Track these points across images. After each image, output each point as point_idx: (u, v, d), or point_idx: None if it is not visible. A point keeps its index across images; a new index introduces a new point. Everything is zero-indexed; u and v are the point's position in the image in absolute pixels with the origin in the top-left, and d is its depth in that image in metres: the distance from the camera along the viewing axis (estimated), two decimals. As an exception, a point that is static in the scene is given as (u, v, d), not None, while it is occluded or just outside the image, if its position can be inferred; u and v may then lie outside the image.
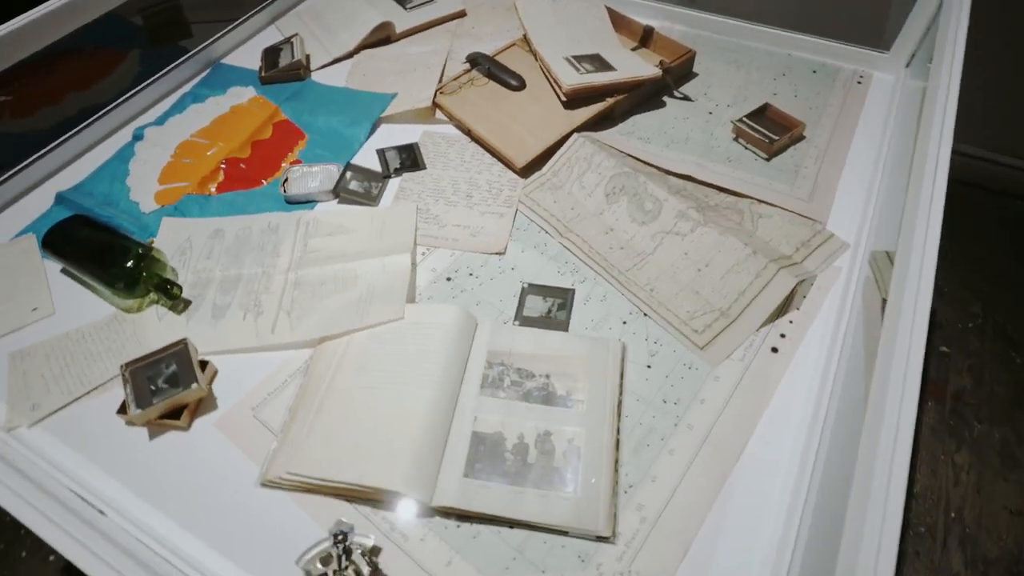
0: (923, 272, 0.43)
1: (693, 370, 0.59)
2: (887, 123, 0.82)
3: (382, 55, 0.99)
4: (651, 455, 0.54)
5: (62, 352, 0.63)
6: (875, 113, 0.83)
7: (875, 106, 0.84)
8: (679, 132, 0.83)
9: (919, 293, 0.41)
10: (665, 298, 0.64)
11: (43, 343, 0.64)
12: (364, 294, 0.65)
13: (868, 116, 0.83)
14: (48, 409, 0.59)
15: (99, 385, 0.60)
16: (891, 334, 0.41)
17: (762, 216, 0.72)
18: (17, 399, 0.60)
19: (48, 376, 0.61)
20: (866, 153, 0.78)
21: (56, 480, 0.51)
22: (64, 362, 0.62)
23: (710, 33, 0.98)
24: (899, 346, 0.39)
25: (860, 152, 0.78)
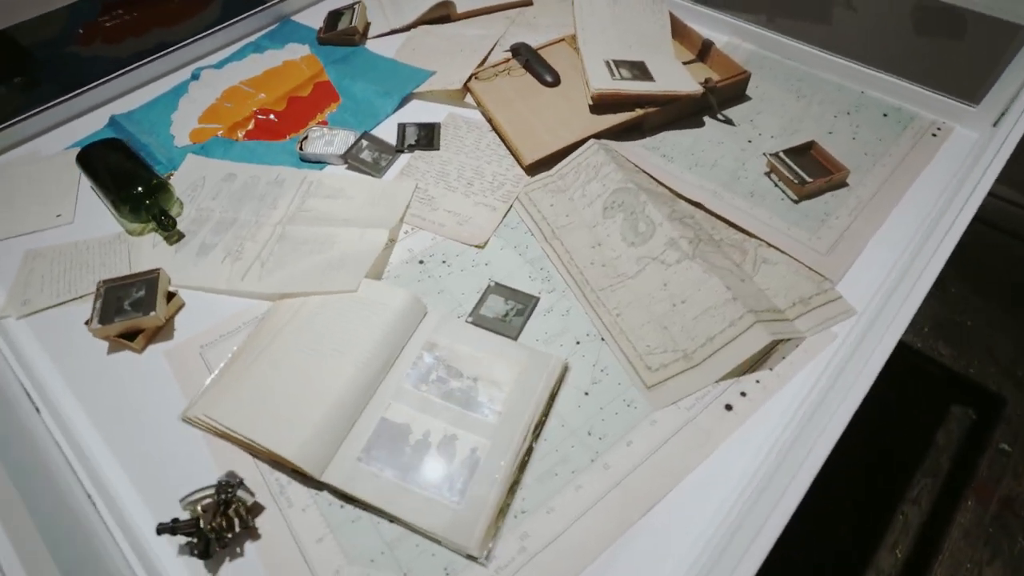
0: (869, 363, 0.36)
1: (632, 408, 0.55)
2: (953, 184, 0.71)
3: (437, 32, 0.99)
4: (555, 486, 0.50)
5: (65, 259, 0.69)
6: (942, 170, 0.72)
7: (945, 162, 0.73)
8: (708, 156, 0.76)
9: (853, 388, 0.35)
10: (629, 326, 0.60)
11: (53, 247, 0.70)
12: (333, 261, 0.66)
13: (932, 173, 0.72)
14: (36, 307, 0.65)
15: (83, 295, 0.65)
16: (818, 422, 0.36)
17: (766, 261, 0.65)
18: (16, 292, 0.66)
19: (47, 277, 0.67)
20: (914, 213, 0.68)
21: (12, 371, 0.57)
22: (63, 268, 0.68)
23: (780, 57, 0.90)
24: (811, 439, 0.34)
25: (908, 211, 0.68)
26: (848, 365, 0.51)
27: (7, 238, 0.72)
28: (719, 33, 0.95)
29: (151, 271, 0.64)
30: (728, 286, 0.59)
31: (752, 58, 0.90)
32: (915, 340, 1.30)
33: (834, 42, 0.89)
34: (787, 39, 0.89)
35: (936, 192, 0.70)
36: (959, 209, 0.58)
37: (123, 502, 0.51)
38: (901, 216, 0.68)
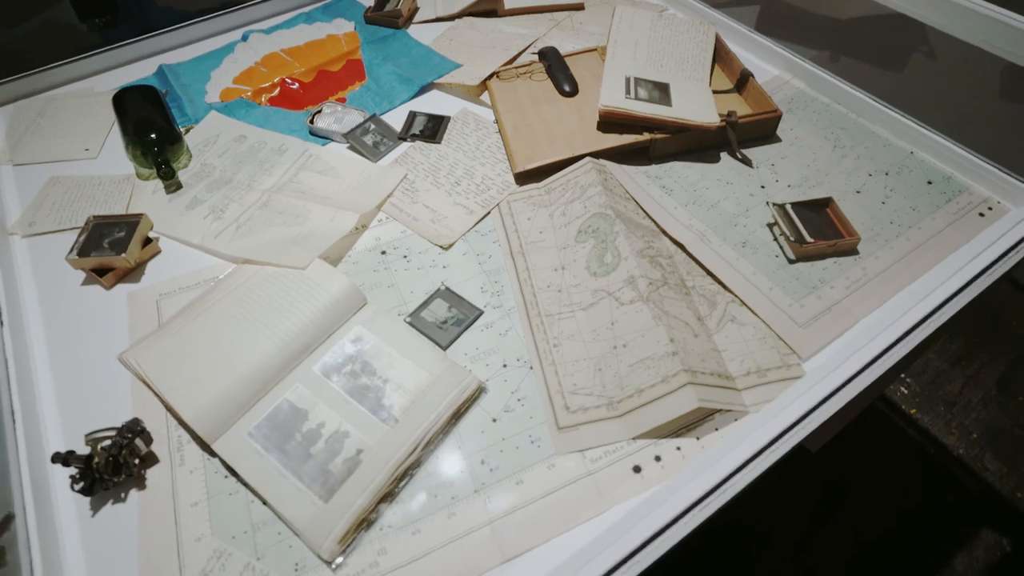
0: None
1: (535, 446, 0.52)
2: (989, 272, 0.61)
3: (479, 26, 0.98)
4: (430, 508, 0.49)
5: (78, 190, 0.75)
6: (978, 253, 0.62)
7: (984, 244, 0.63)
8: (711, 195, 0.71)
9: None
10: (563, 360, 0.57)
11: (73, 177, 0.77)
12: (297, 236, 0.67)
13: (965, 255, 0.62)
14: (38, 230, 0.71)
15: (80, 227, 0.71)
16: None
17: (734, 320, 0.59)
18: (28, 213, 0.72)
19: (57, 204, 0.73)
20: (925, 303, 0.60)
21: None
22: (73, 198, 0.74)
23: (829, 100, 0.81)
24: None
25: (918, 297, 0.60)
26: (769, 453, 0.46)
27: (42, 162, 0.80)
28: (770, 65, 0.87)
29: (136, 215, 0.68)
30: (673, 339, 0.54)
31: (798, 97, 0.82)
32: (959, 444, 1.15)
33: (897, 92, 0.79)
34: (842, 82, 0.80)
35: (962, 281, 0.61)
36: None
37: (43, 424, 0.54)
38: (907, 301, 0.60)
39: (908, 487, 1.08)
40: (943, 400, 1.16)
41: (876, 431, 1.13)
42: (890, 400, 1.17)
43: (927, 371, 1.20)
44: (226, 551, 0.47)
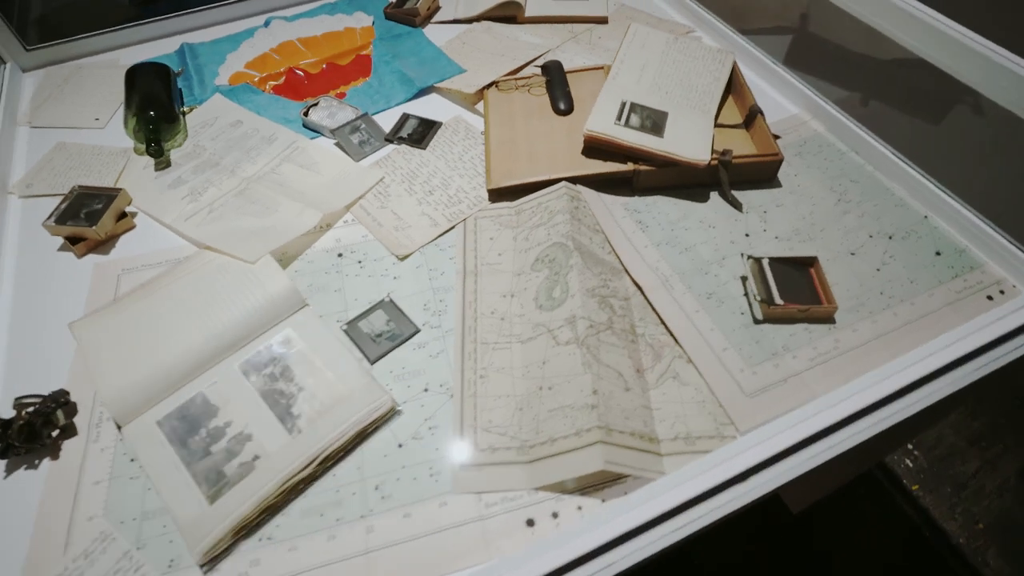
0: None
1: (433, 479, 0.50)
2: (984, 365, 0.54)
3: (496, 31, 0.96)
4: (313, 526, 0.48)
5: (79, 157, 0.78)
6: (969, 341, 0.55)
7: (984, 333, 0.56)
8: (688, 237, 0.66)
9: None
10: (486, 393, 0.55)
11: (77, 145, 0.80)
12: (258, 228, 0.67)
13: (957, 343, 0.56)
14: (33, 192, 0.74)
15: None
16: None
17: (676, 377, 0.55)
18: (29, 175, 0.76)
19: (57, 169, 0.77)
20: (892, 379, 0.53)
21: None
22: (72, 164, 0.77)
23: (846, 148, 0.74)
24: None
25: (890, 383, 0.54)
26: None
27: (55, 127, 0.84)
28: (790, 102, 0.81)
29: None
30: (596, 390, 0.51)
31: (812, 140, 0.76)
32: (960, 532, 1.04)
33: (926, 148, 0.72)
34: (864, 130, 0.73)
35: (939, 363, 0.54)
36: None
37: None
38: (879, 387, 0.54)
39: (892, 570, 0.99)
40: (952, 480, 1.06)
41: (867, 501, 1.04)
42: (890, 470, 1.07)
43: (939, 445, 1.09)
44: (111, 535, 0.48)
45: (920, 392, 0.52)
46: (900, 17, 0.66)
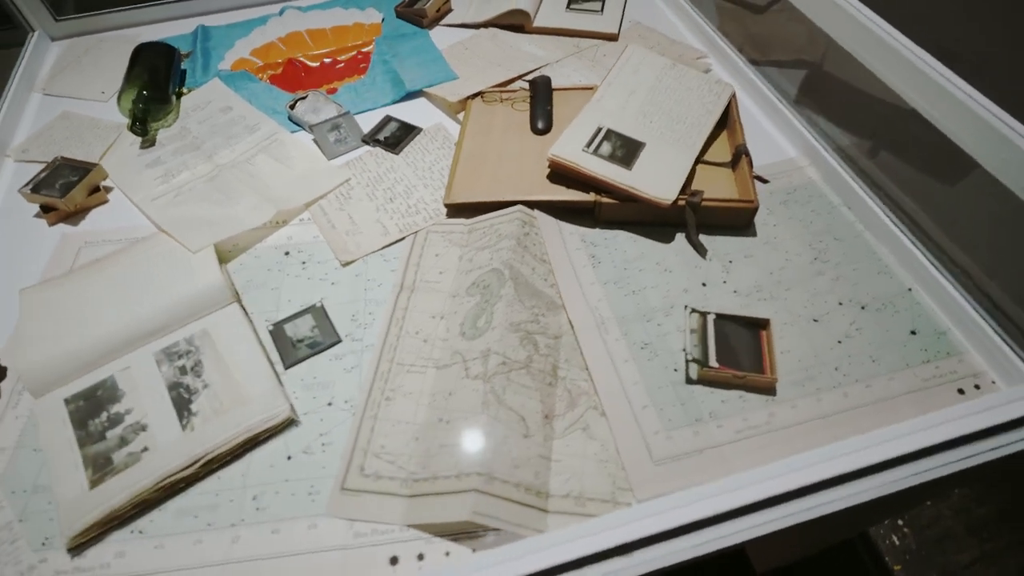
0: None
1: (311, 499, 0.49)
2: (931, 469, 0.48)
3: (500, 39, 0.93)
4: (185, 527, 0.48)
5: (77, 128, 0.82)
6: (921, 437, 0.49)
7: (939, 429, 0.50)
8: (640, 279, 0.62)
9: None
10: (387, 416, 0.53)
11: (78, 115, 0.84)
12: (211, 217, 0.68)
13: (900, 433, 0.50)
14: (29, 157, 0.78)
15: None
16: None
17: (586, 430, 0.52)
18: (28, 141, 0.80)
19: (54, 138, 0.80)
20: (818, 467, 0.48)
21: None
22: (69, 134, 0.81)
23: (839, 201, 0.68)
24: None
25: (815, 472, 0.49)
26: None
27: (64, 96, 0.88)
28: (790, 144, 0.75)
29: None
30: (488, 433, 0.49)
31: (804, 188, 0.70)
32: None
33: (932, 212, 0.65)
34: (861, 184, 0.67)
35: (882, 456, 0.49)
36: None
37: (-68, 335, 0.60)
38: (801, 474, 0.49)
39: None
40: (941, 569, 0.96)
41: (844, 573, 0.96)
42: (873, 544, 0.98)
43: (933, 527, 0.99)
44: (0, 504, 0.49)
45: (850, 487, 0.47)
46: (907, 73, 0.60)
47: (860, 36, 0.65)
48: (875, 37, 0.63)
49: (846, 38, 0.67)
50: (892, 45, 0.62)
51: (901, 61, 0.61)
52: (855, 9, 0.66)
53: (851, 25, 0.66)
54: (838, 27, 0.68)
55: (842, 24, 0.67)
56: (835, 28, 0.69)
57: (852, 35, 0.66)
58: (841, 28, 0.68)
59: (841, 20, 0.68)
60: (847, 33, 0.67)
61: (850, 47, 0.66)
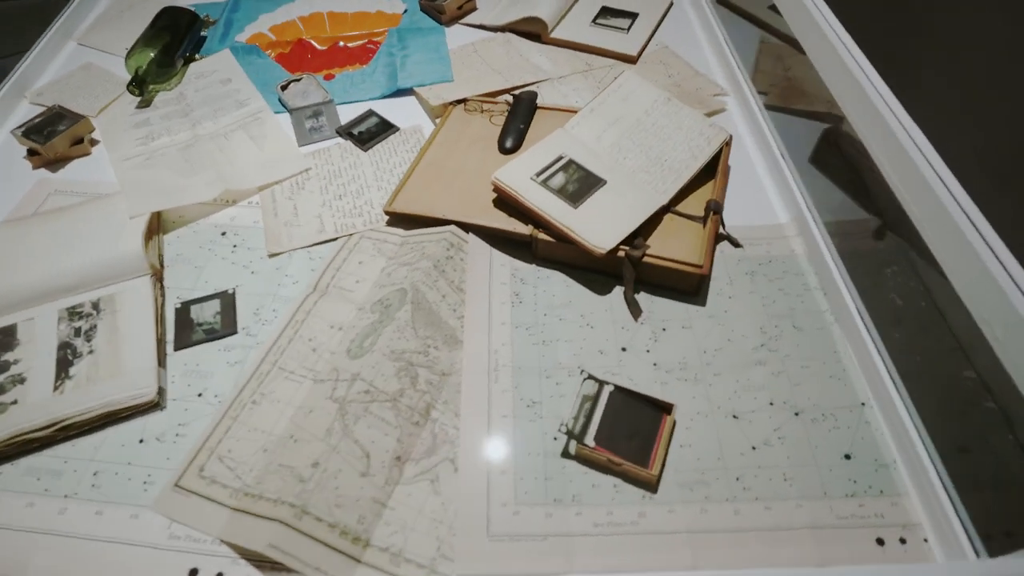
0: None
1: (144, 488, 0.48)
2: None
3: (512, 46, 0.89)
4: (25, 486, 0.48)
5: (91, 80, 0.86)
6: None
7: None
8: (557, 329, 0.57)
9: None
10: (246, 421, 0.51)
11: (96, 67, 0.88)
12: (168, 186, 0.69)
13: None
14: (41, 102, 0.82)
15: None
16: None
17: (434, 482, 0.47)
18: (45, 87, 0.85)
19: (69, 87, 0.85)
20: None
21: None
22: (82, 85, 0.85)
23: (815, 283, 0.59)
24: None
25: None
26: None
27: (94, 48, 0.93)
28: (783, 209, 0.66)
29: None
30: (319, 463, 0.46)
31: (780, 261, 0.61)
32: None
33: (911, 326, 0.54)
34: (844, 271, 0.57)
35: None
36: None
37: None
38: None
39: None
40: None
41: None
42: None
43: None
44: None
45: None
46: (913, 183, 0.49)
47: (869, 118, 0.54)
48: (884, 126, 0.51)
49: (856, 116, 0.56)
50: (901, 142, 0.49)
51: (909, 167, 0.49)
52: (868, 81, 0.55)
53: (862, 103, 0.54)
54: (849, 100, 0.57)
55: (852, 97, 0.56)
56: (846, 99, 0.58)
57: (861, 113, 0.55)
58: (851, 101, 0.57)
59: (852, 92, 0.56)
60: (856, 110, 0.56)
61: (858, 127, 0.55)
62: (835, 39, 0.57)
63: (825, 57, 0.60)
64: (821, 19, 0.60)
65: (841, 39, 0.56)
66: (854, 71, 0.54)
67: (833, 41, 0.57)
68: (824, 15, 0.60)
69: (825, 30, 0.58)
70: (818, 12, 0.61)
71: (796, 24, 0.66)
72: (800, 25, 0.65)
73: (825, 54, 0.59)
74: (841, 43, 0.56)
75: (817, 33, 0.60)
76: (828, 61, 0.59)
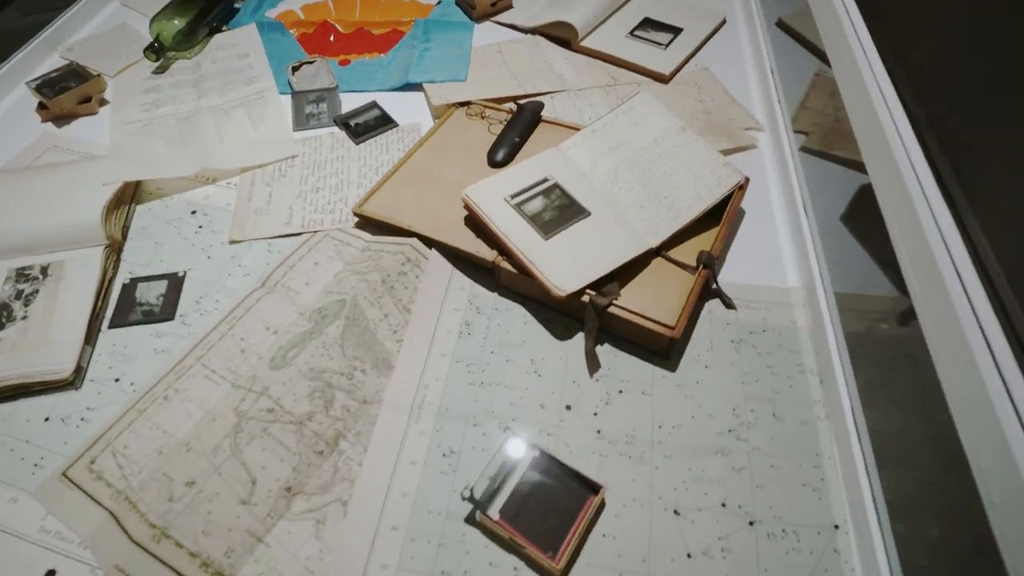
0: None
1: (33, 471, 0.46)
2: None
3: (539, 50, 0.83)
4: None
5: (123, 41, 0.87)
6: None
7: None
8: (501, 373, 0.51)
9: None
10: (153, 416, 0.48)
11: (132, 29, 0.89)
12: (154, 156, 0.68)
13: None
14: (71, 57, 0.83)
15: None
16: None
17: (319, 524, 0.43)
18: (79, 43, 0.87)
19: (99, 46, 0.86)
20: None
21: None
22: (111, 46, 0.86)
23: (812, 369, 0.50)
24: None
25: None
26: None
27: (135, 10, 0.94)
28: (793, 273, 0.57)
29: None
30: (195, 482, 0.42)
31: (778, 332, 0.52)
32: None
33: (912, 449, 0.45)
34: (845, 353, 0.48)
35: None
36: None
37: None
38: None
39: None
40: None
41: None
42: None
43: None
44: None
45: None
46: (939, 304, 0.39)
47: (894, 192, 0.42)
48: (912, 213, 0.39)
49: (880, 183, 0.46)
50: (928, 237, 0.37)
51: (936, 282, 0.36)
52: (904, 153, 0.43)
53: (890, 171, 0.43)
54: (875, 161, 0.47)
55: (879, 159, 0.46)
56: (872, 158, 0.48)
57: (886, 181, 0.44)
58: (878, 163, 0.46)
59: (880, 154, 0.45)
60: (882, 176, 0.45)
61: (881, 196, 0.46)
62: (875, 89, 0.47)
63: (857, 102, 0.50)
64: (865, 65, 0.50)
65: (882, 90, 0.46)
66: (892, 140, 0.44)
67: (871, 90, 0.47)
68: (871, 65, 0.50)
69: (865, 76, 0.48)
70: (865, 63, 0.50)
71: (835, 60, 0.56)
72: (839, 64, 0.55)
73: (858, 99, 0.50)
74: (880, 95, 0.46)
75: (854, 72, 0.50)
76: (860, 111, 0.50)
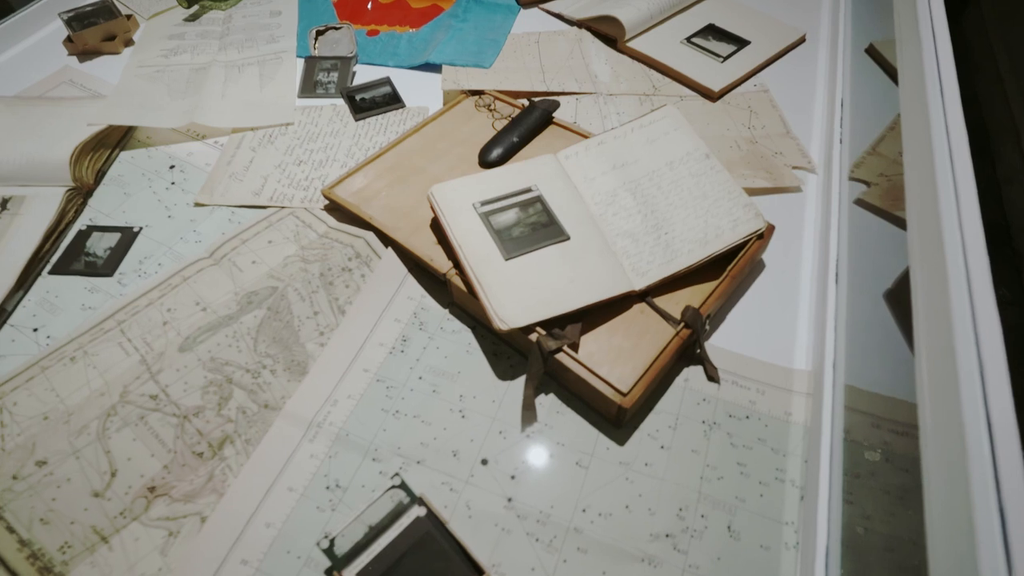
0: None
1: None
2: None
3: (582, 46, 0.74)
4: None
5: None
6: None
7: None
8: (422, 405, 0.44)
9: None
10: (52, 376, 0.45)
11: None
12: (153, 104, 0.66)
13: None
14: None
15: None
16: None
17: (170, 537, 0.38)
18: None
19: (140, -14, 0.86)
20: None
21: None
22: (149, -10, 0.86)
23: (798, 480, 0.40)
24: None
25: None
26: None
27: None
28: (803, 355, 0.46)
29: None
30: (47, 462, 0.38)
31: (764, 422, 0.42)
32: None
33: None
34: (839, 482, 0.37)
35: None
36: None
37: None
38: None
39: None
40: None
41: None
42: None
43: None
44: None
45: None
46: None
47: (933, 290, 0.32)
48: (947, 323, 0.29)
49: (919, 272, 0.35)
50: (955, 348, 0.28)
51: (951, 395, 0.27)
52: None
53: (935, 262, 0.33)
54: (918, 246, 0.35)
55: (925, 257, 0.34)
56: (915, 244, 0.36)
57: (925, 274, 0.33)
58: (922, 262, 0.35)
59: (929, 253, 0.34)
60: (923, 267, 0.34)
61: (916, 285, 0.34)
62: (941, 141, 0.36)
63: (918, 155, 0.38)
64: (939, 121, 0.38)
65: (951, 145, 0.35)
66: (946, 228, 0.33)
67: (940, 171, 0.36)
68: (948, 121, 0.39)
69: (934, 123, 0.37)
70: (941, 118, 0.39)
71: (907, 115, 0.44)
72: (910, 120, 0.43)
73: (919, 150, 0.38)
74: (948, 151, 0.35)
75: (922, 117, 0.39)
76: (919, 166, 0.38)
